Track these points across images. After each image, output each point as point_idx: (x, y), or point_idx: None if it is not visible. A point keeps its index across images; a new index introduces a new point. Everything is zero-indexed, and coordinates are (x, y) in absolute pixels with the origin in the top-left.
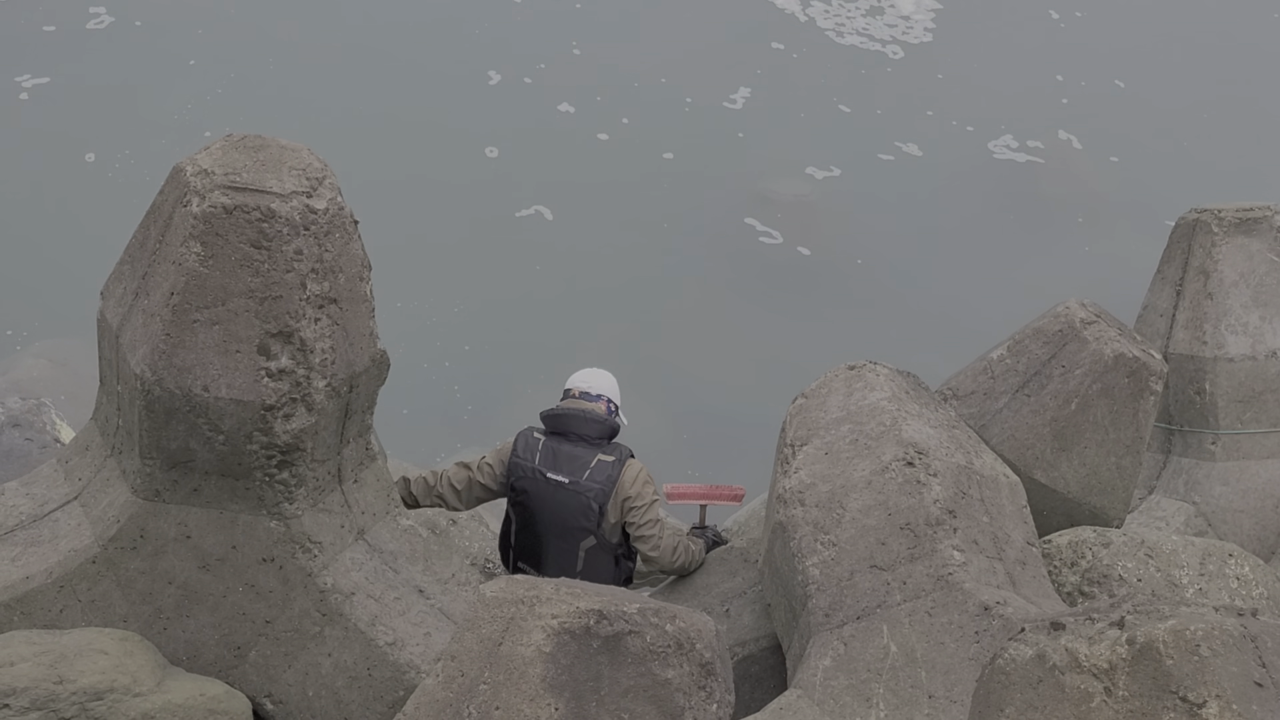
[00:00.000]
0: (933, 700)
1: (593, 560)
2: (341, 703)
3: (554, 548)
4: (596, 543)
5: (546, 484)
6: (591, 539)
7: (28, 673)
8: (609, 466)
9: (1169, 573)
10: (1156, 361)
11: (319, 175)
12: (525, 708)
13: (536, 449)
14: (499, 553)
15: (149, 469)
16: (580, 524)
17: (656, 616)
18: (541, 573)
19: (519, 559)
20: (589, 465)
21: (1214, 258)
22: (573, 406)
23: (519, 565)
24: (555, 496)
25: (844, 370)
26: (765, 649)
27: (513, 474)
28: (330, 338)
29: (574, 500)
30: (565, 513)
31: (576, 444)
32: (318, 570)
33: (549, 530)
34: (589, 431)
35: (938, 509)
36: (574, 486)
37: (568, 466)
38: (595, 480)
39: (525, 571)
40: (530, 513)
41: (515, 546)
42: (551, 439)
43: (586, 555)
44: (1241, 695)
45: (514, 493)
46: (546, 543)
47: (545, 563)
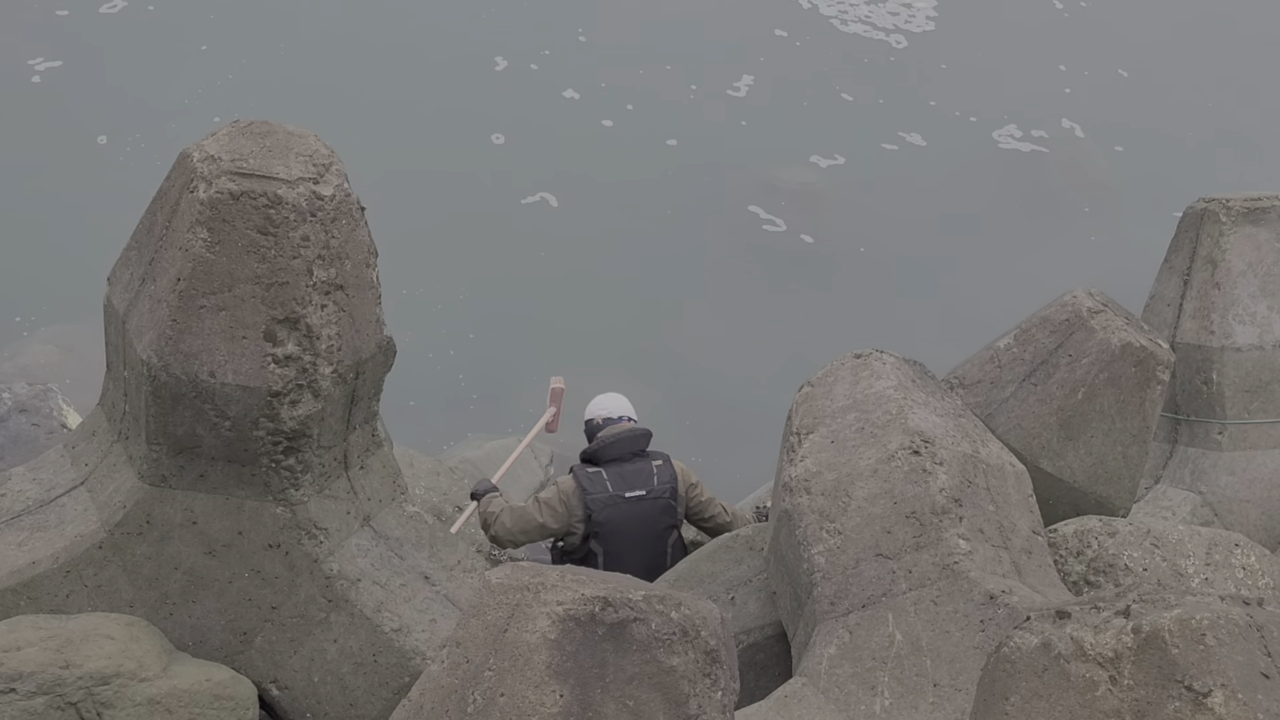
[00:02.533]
0: (938, 689)
1: (674, 551)
2: (347, 689)
3: (644, 556)
4: (677, 535)
5: (628, 503)
6: (674, 533)
7: (34, 657)
8: (665, 468)
9: (1175, 562)
10: (1163, 351)
11: (326, 161)
12: (530, 694)
13: (604, 480)
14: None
15: (155, 455)
16: (667, 523)
17: (662, 604)
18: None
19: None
20: (652, 474)
21: (1222, 247)
22: (619, 431)
23: None
24: (638, 510)
25: (850, 358)
26: (770, 637)
27: (591, 509)
28: (336, 324)
29: (655, 506)
30: (651, 520)
31: (633, 460)
32: (323, 556)
33: (638, 543)
34: (639, 446)
35: (943, 497)
36: (651, 495)
37: (638, 481)
38: (664, 482)
39: None
40: (617, 536)
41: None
42: (610, 467)
43: (672, 551)
44: (1247, 684)
45: (595, 525)
46: (636, 556)
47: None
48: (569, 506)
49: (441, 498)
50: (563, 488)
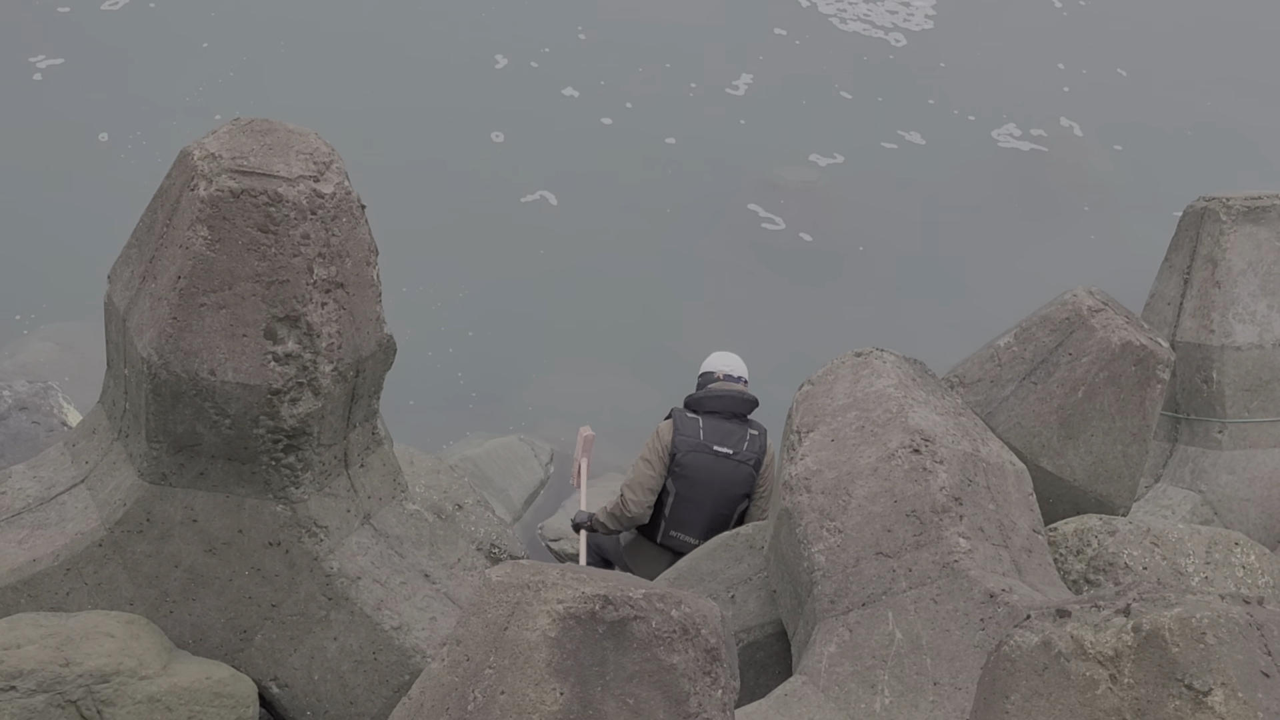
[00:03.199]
0: (938, 687)
1: (738, 519)
2: (347, 686)
3: (714, 513)
4: (748, 504)
5: (713, 456)
6: (746, 501)
7: (34, 655)
8: (759, 438)
9: (1175, 561)
10: (1164, 350)
11: (326, 159)
12: (530, 692)
13: (698, 427)
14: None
15: (155, 452)
16: (742, 490)
17: (662, 602)
18: (696, 537)
19: (672, 528)
20: (745, 438)
21: (1222, 246)
22: (728, 389)
23: (671, 533)
24: (720, 467)
25: (851, 357)
26: (770, 635)
27: (678, 449)
28: (337, 322)
29: (737, 470)
30: (727, 480)
31: (730, 420)
32: (324, 554)
33: (710, 497)
34: (742, 410)
35: (944, 496)
36: (737, 457)
37: (729, 440)
38: (752, 451)
39: (678, 539)
40: (694, 483)
41: (670, 517)
42: (708, 418)
43: (738, 517)
44: (1247, 683)
45: (677, 465)
46: (706, 509)
47: (702, 528)
48: (664, 444)
49: (442, 496)
50: (660, 430)
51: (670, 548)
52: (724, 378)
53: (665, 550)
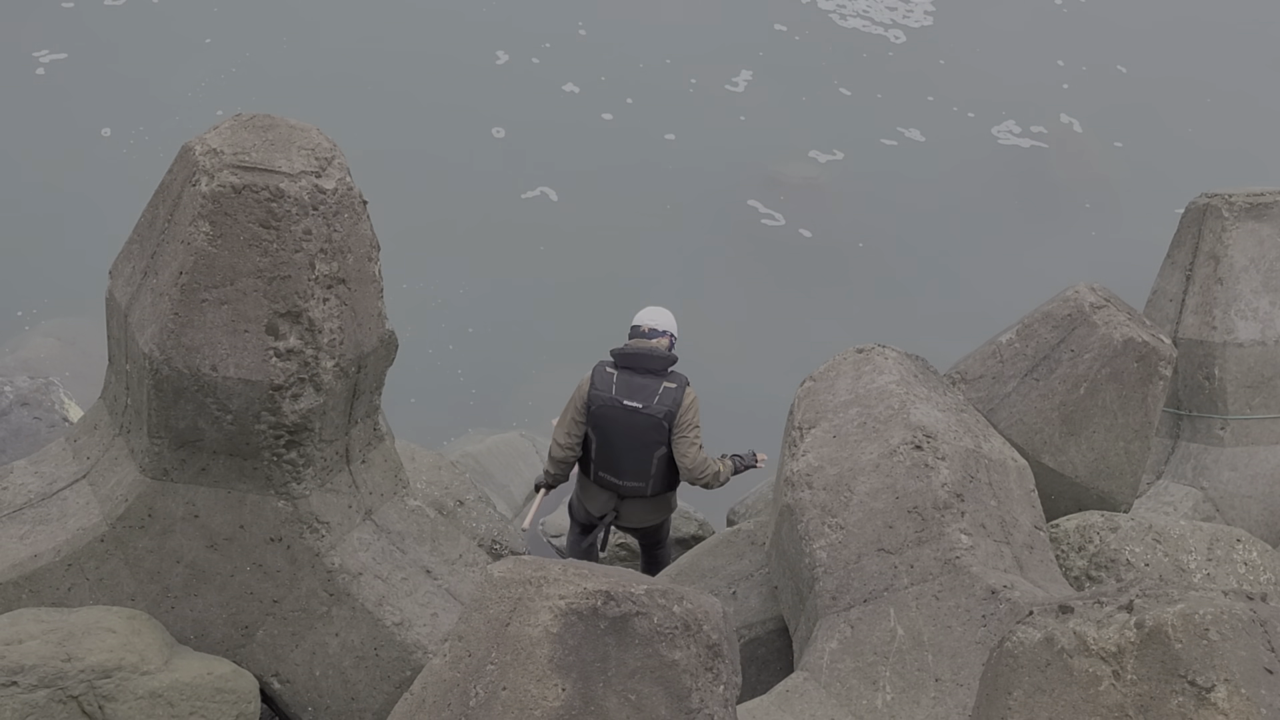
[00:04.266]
0: (939, 683)
1: (660, 465)
2: (348, 682)
3: (631, 458)
4: (665, 450)
5: (623, 410)
6: (663, 448)
7: (36, 650)
8: (674, 392)
9: (1177, 557)
10: (1166, 346)
11: (328, 155)
12: (532, 688)
13: (611, 381)
14: (576, 467)
15: (157, 448)
16: (654, 439)
17: (664, 598)
18: (620, 479)
19: (599, 470)
20: (656, 392)
21: (1224, 242)
22: (641, 346)
23: (599, 474)
24: (631, 419)
25: (852, 353)
26: (772, 631)
27: (593, 402)
28: (339, 318)
29: (647, 421)
30: (640, 431)
31: (644, 375)
32: (325, 550)
33: (627, 445)
34: (654, 366)
35: (945, 492)
36: (646, 410)
37: (639, 395)
38: (663, 404)
39: (606, 479)
40: (609, 432)
41: (595, 460)
42: (623, 372)
43: (657, 461)
44: (1251, 679)
45: (594, 417)
46: (625, 454)
47: (623, 470)
48: (581, 396)
49: (443, 492)
50: (581, 382)
51: (603, 486)
52: (649, 331)
53: (600, 487)
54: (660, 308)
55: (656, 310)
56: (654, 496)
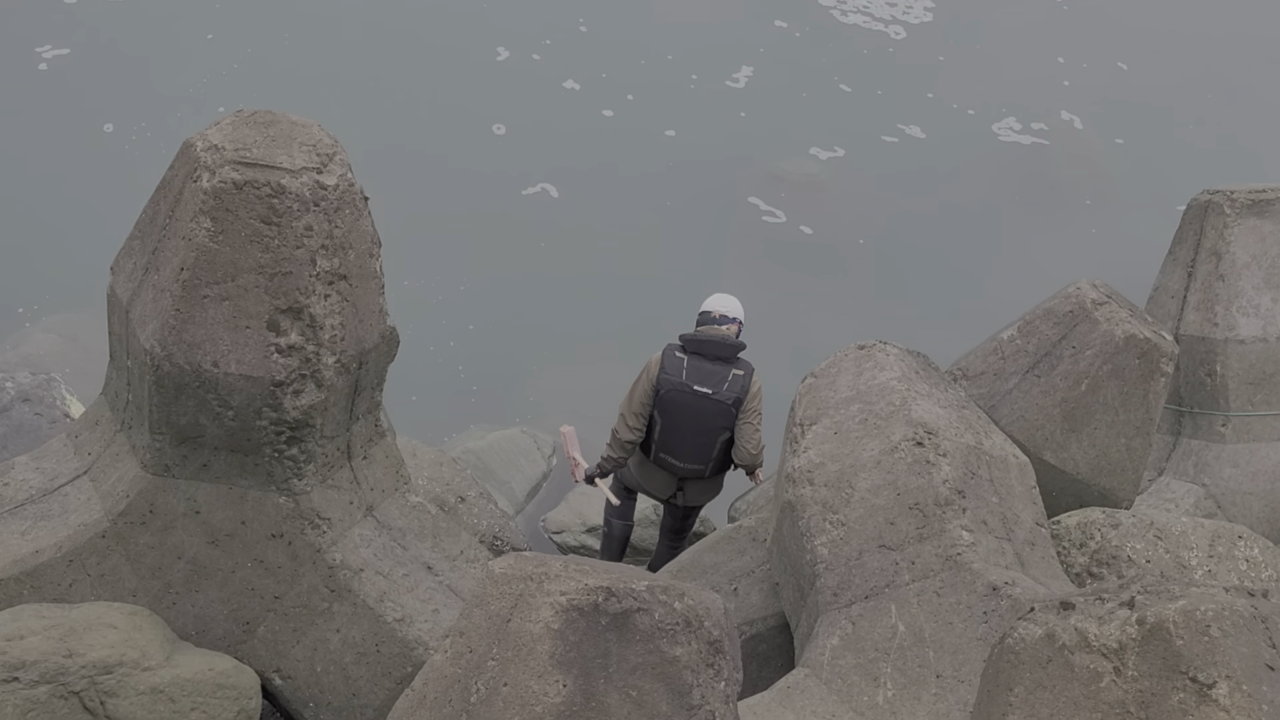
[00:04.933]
0: (940, 680)
1: (721, 449)
2: (350, 678)
3: (695, 442)
4: (729, 436)
5: (693, 395)
6: (727, 434)
7: (37, 646)
8: (742, 379)
9: (1178, 554)
10: (1167, 343)
11: (329, 151)
12: (533, 684)
13: (682, 366)
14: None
15: (158, 444)
16: (720, 424)
17: (665, 594)
18: (680, 460)
19: (660, 451)
20: (726, 379)
21: (1226, 239)
22: (712, 334)
23: (660, 455)
24: (700, 404)
25: (854, 350)
26: (773, 628)
27: (662, 386)
28: (340, 314)
29: (716, 407)
30: (707, 416)
31: (714, 362)
32: (326, 546)
33: (693, 429)
34: (724, 353)
35: (947, 489)
36: (716, 396)
37: (709, 380)
38: (732, 391)
39: (666, 460)
40: (675, 416)
41: (658, 441)
42: (693, 357)
43: (720, 446)
44: (1252, 676)
45: (662, 400)
46: (689, 438)
47: (685, 453)
48: (650, 378)
49: (445, 488)
50: (650, 365)
51: (662, 466)
52: (720, 318)
53: (660, 468)
54: (729, 295)
55: (726, 297)
56: (711, 477)
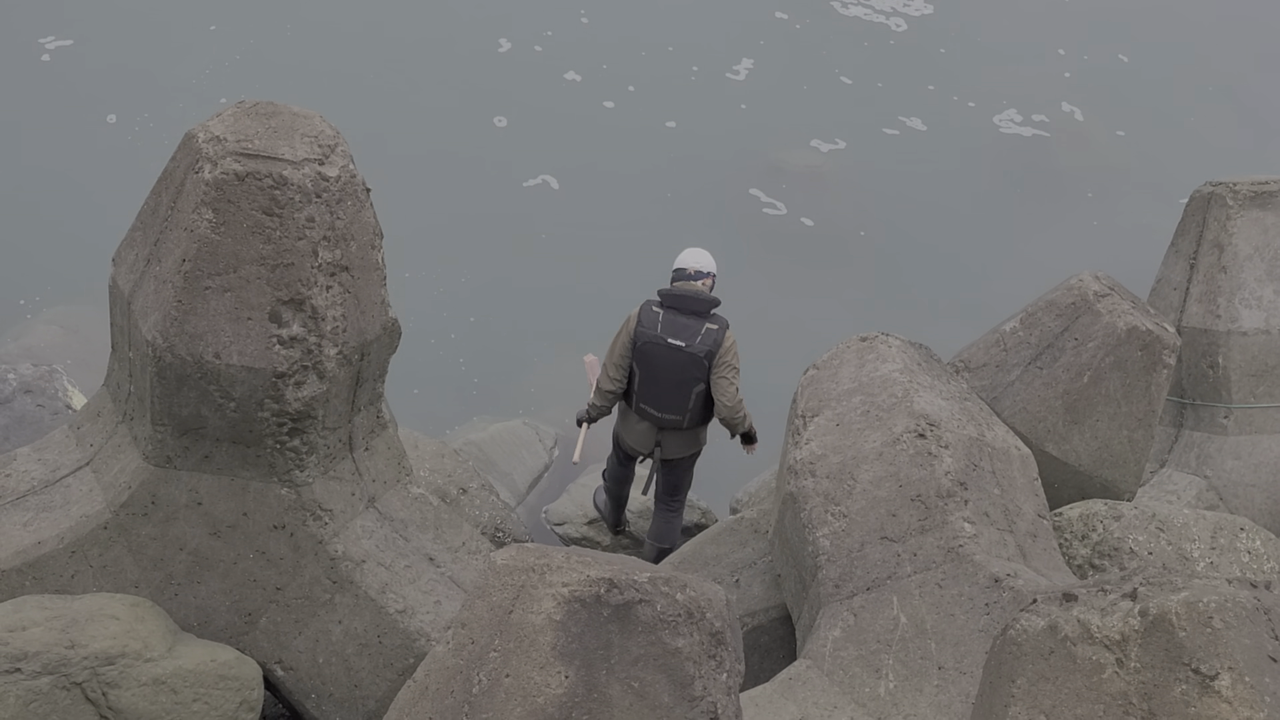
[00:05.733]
0: (942, 671)
1: (697, 401)
2: (351, 669)
3: (672, 393)
4: (703, 387)
5: (667, 347)
6: (701, 385)
7: (39, 637)
8: (715, 333)
9: (1180, 546)
10: (1170, 335)
11: (331, 142)
12: (535, 675)
13: (657, 320)
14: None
15: (160, 435)
16: (693, 375)
17: (667, 585)
18: (660, 411)
19: (640, 402)
20: (699, 332)
21: (1229, 231)
22: (687, 289)
23: (640, 405)
24: (674, 356)
25: (856, 341)
26: (775, 619)
27: (639, 339)
28: (342, 305)
29: (689, 359)
30: (681, 368)
31: (689, 316)
32: (328, 538)
33: (668, 380)
34: (698, 308)
35: (949, 481)
36: (689, 349)
37: (683, 334)
38: (705, 344)
39: (646, 411)
40: (652, 368)
41: (638, 392)
42: (668, 311)
43: (695, 397)
44: (1254, 668)
45: (639, 353)
46: (666, 389)
47: (663, 404)
48: (628, 332)
49: (446, 480)
50: (629, 318)
51: (643, 417)
52: (694, 274)
53: (642, 419)
54: (701, 249)
55: (699, 252)
56: (689, 429)
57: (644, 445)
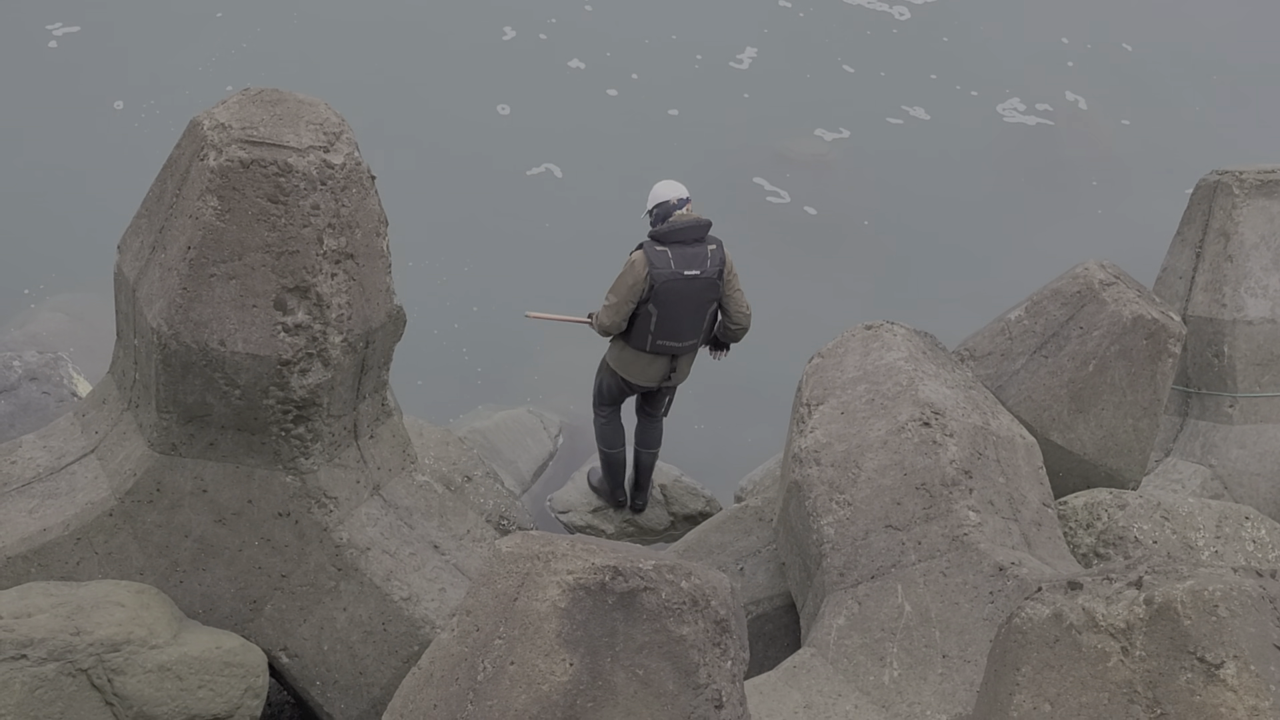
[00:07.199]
0: (946, 660)
1: (710, 321)
2: (356, 657)
3: (691, 320)
4: (717, 305)
5: (684, 279)
6: (715, 305)
7: (45, 624)
8: (718, 252)
9: (1185, 535)
10: (1175, 323)
11: (336, 130)
12: (540, 663)
13: (668, 258)
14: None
15: (165, 423)
16: (711, 297)
17: (672, 573)
18: (682, 340)
19: (659, 339)
20: (706, 256)
21: (1234, 220)
22: (687, 220)
23: (659, 343)
24: (691, 286)
25: (861, 330)
26: (779, 608)
27: (655, 280)
28: (347, 293)
29: (705, 283)
30: (700, 294)
31: (693, 245)
32: (333, 525)
33: (689, 309)
34: (699, 234)
35: (953, 469)
36: (704, 274)
37: (695, 263)
38: (714, 264)
39: (666, 345)
40: (673, 304)
41: (656, 331)
42: (674, 246)
43: (710, 317)
44: (1260, 656)
45: (658, 293)
46: (687, 318)
47: (685, 333)
48: (638, 279)
49: (451, 467)
50: (635, 264)
51: (661, 353)
52: (677, 203)
53: (657, 356)
54: (670, 180)
55: (670, 183)
56: (696, 350)
57: (656, 379)
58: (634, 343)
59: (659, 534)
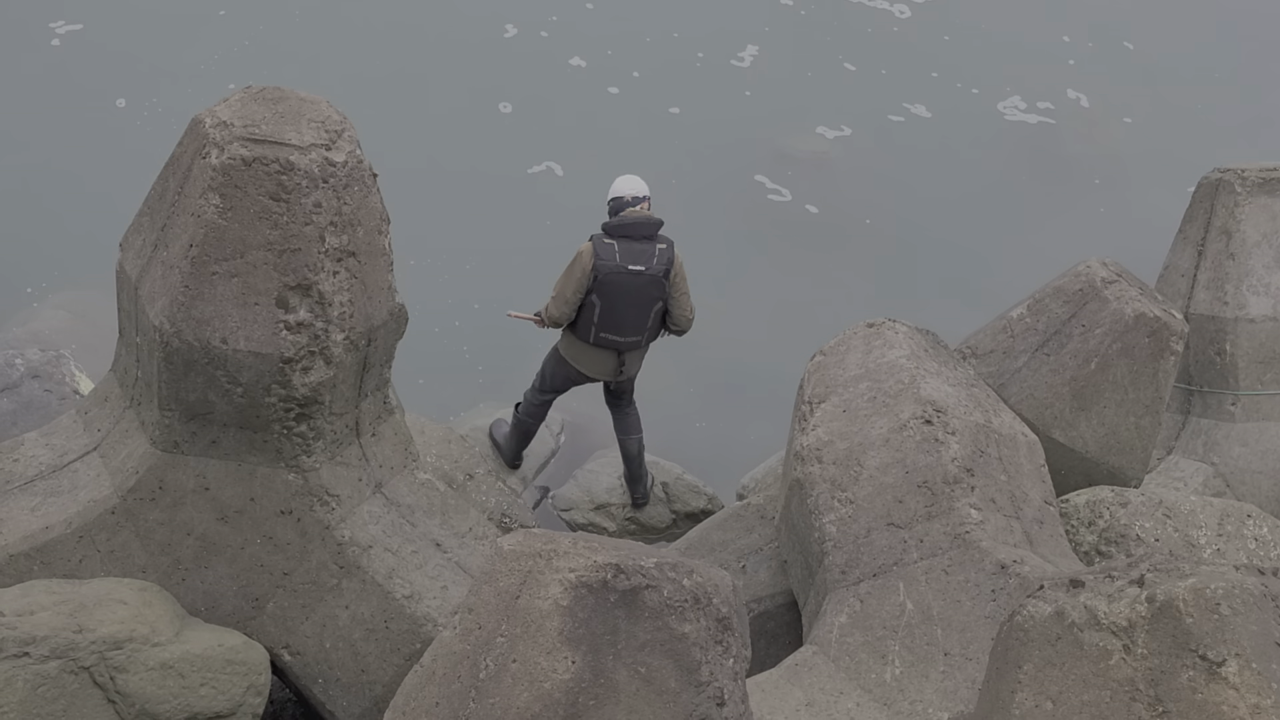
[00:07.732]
0: (948, 657)
1: (656, 319)
2: (358, 654)
3: (633, 315)
4: (662, 305)
5: (628, 274)
6: (660, 303)
7: (47, 621)
8: (667, 251)
9: (1187, 533)
10: (1177, 321)
11: (338, 128)
12: (542, 660)
13: (614, 251)
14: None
15: (168, 421)
16: (654, 295)
17: (674, 571)
18: (623, 335)
19: (601, 331)
20: (654, 255)
21: (1236, 218)
22: (638, 217)
23: (601, 335)
24: (635, 281)
25: (863, 327)
26: (781, 605)
27: (600, 271)
28: (349, 291)
29: (650, 281)
30: (643, 291)
31: (641, 241)
32: (335, 523)
33: (631, 304)
34: (649, 232)
35: (955, 467)
36: (649, 271)
37: (641, 259)
38: (661, 264)
39: (608, 339)
40: (615, 297)
41: (599, 323)
42: (622, 241)
43: (654, 315)
44: (1262, 654)
45: (601, 285)
46: (629, 313)
47: (627, 328)
48: (585, 270)
49: (453, 465)
50: (582, 254)
51: (603, 346)
52: (632, 200)
53: (601, 349)
54: (632, 175)
55: (631, 178)
56: (645, 346)
57: (607, 372)
58: (579, 334)
59: (661, 532)
